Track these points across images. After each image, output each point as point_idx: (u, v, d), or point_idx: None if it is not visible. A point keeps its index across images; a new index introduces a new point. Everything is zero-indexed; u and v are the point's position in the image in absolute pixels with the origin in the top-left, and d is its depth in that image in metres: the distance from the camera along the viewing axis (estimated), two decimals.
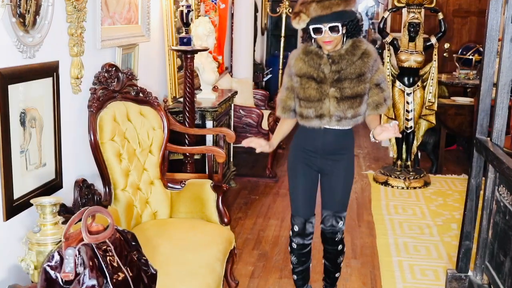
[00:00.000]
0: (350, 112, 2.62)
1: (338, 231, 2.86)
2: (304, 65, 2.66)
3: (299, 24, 2.56)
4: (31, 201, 2.06)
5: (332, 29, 2.51)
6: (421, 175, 5.41)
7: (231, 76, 6.36)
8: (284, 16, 8.25)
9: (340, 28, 2.51)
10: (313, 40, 2.62)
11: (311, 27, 2.53)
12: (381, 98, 2.66)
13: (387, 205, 4.83)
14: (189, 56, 3.89)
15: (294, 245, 2.92)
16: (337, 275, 3.05)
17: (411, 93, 5.24)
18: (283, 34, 8.32)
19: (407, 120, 5.30)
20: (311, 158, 2.79)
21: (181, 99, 4.19)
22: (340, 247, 2.93)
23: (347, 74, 2.60)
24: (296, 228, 2.87)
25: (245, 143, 2.75)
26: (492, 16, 2.90)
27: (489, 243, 2.82)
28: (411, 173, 5.39)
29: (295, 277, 3.03)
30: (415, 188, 5.27)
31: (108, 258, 1.78)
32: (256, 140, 2.80)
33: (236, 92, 5.22)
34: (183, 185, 3.08)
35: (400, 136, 2.80)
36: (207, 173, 3.49)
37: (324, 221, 2.87)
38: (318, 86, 2.62)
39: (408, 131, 5.34)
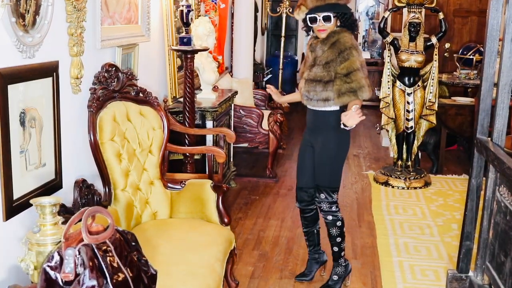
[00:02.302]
0: (314, 95, 3.03)
1: (320, 202, 3.16)
2: (307, 50, 3.20)
3: (299, 15, 3.05)
4: (31, 201, 2.06)
5: (325, 18, 2.96)
6: (422, 175, 5.40)
7: (231, 76, 6.36)
8: (284, 16, 8.25)
9: (332, 18, 2.96)
10: (311, 30, 3.08)
11: (308, 16, 3.00)
12: (345, 89, 2.93)
13: (387, 205, 4.83)
14: (189, 56, 3.88)
15: (298, 209, 3.40)
16: (334, 249, 3.26)
17: (411, 93, 5.24)
18: (283, 34, 8.32)
19: (408, 120, 5.29)
20: (307, 135, 3.26)
21: (181, 99, 4.18)
22: (329, 218, 3.18)
23: (319, 61, 3.04)
24: (296, 194, 3.37)
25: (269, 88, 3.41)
26: (493, 15, 2.90)
27: (490, 243, 2.82)
28: (411, 173, 5.39)
29: (305, 237, 3.47)
30: (415, 188, 5.27)
31: (108, 258, 1.78)
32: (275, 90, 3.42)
33: (236, 92, 5.22)
34: (183, 185, 3.08)
35: (364, 118, 2.94)
36: (207, 173, 3.49)
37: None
38: (303, 68, 3.17)
39: (408, 131, 5.34)
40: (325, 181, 3.15)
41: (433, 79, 5.23)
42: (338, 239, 3.22)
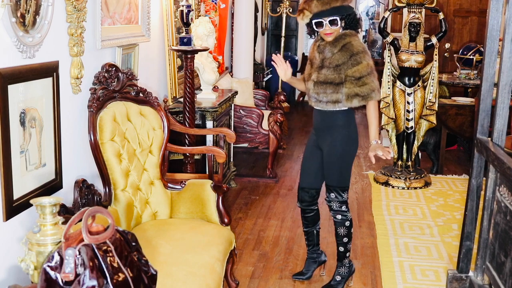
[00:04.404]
0: (323, 97, 3.02)
1: (331, 201, 3.16)
2: (311, 51, 3.16)
3: (303, 20, 2.99)
4: (31, 201, 2.05)
5: (331, 22, 2.94)
6: (422, 175, 5.40)
7: (231, 76, 6.36)
8: (284, 16, 8.24)
9: (339, 21, 2.94)
10: (316, 33, 3.04)
11: (313, 21, 2.96)
12: (355, 92, 2.95)
13: (387, 205, 4.82)
14: (189, 56, 3.88)
15: (299, 208, 3.39)
16: (340, 249, 3.26)
17: (411, 93, 5.24)
18: (283, 34, 8.32)
19: (408, 120, 5.29)
20: (314, 135, 3.25)
21: (181, 99, 4.18)
22: (339, 217, 3.19)
23: (328, 63, 3.01)
24: (297, 194, 3.36)
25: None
26: (493, 16, 2.90)
27: (490, 243, 2.82)
28: (411, 173, 5.38)
29: (305, 236, 3.47)
30: (415, 188, 5.26)
31: (108, 258, 1.77)
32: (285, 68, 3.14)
33: (236, 92, 5.22)
34: (183, 185, 3.07)
35: (390, 157, 3.08)
36: (207, 173, 3.49)
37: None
38: (310, 70, 3.13)
39: (409, 131, 5.34)
40: (334, 180, 3.14)
41: (433, 79, 5.23)
42: (345, 239, 3.22)
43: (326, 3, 2.89)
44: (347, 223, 3.19)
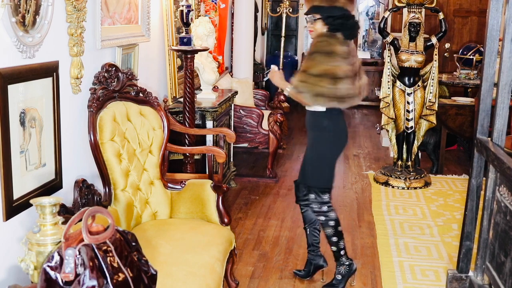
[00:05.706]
0: None
1: (311, 202, 3.19)
2: None
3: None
4: (31, 201, 2.05)
5: (309, 20, 3.07)
6: (422, 175, 5.40)
7: (231, 76, 6.36)
8: (284, 16, 8.24)
9: (316, 20, 3.00)
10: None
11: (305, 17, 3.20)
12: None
13: (387, 205, 4.82)
14: (189, 56, 3.88)
15: (299, 208, 3.44)
16: (333, 248, 3.27)
17: (411, 93, 5.24)
18: (283, 34, 8.32)
19: (408, 120, 5.29)
20: None
21: (181, 99, 4.18)
22: (322, 218, 3.20)
23: None
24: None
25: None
26: (493, 15, 2.90)
27: (490, 243, 2.82)
28: (411, 173, 5.38)
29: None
30: (415, 188, 5.26)
31: (108, 258, 1.77)
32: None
33: (236, 92, 5.21)
34: (183, 185, 3.08)
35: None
36: (207, 173, 3.49)
37: None
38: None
39: (408, 131, 5.34)
40: (311, 180, 3.20)
41: (433, 79, 5.23)
42: (334, 239, 3.23)
43: (309, 1, 3.06)
44: (331, 223, 3.20)
